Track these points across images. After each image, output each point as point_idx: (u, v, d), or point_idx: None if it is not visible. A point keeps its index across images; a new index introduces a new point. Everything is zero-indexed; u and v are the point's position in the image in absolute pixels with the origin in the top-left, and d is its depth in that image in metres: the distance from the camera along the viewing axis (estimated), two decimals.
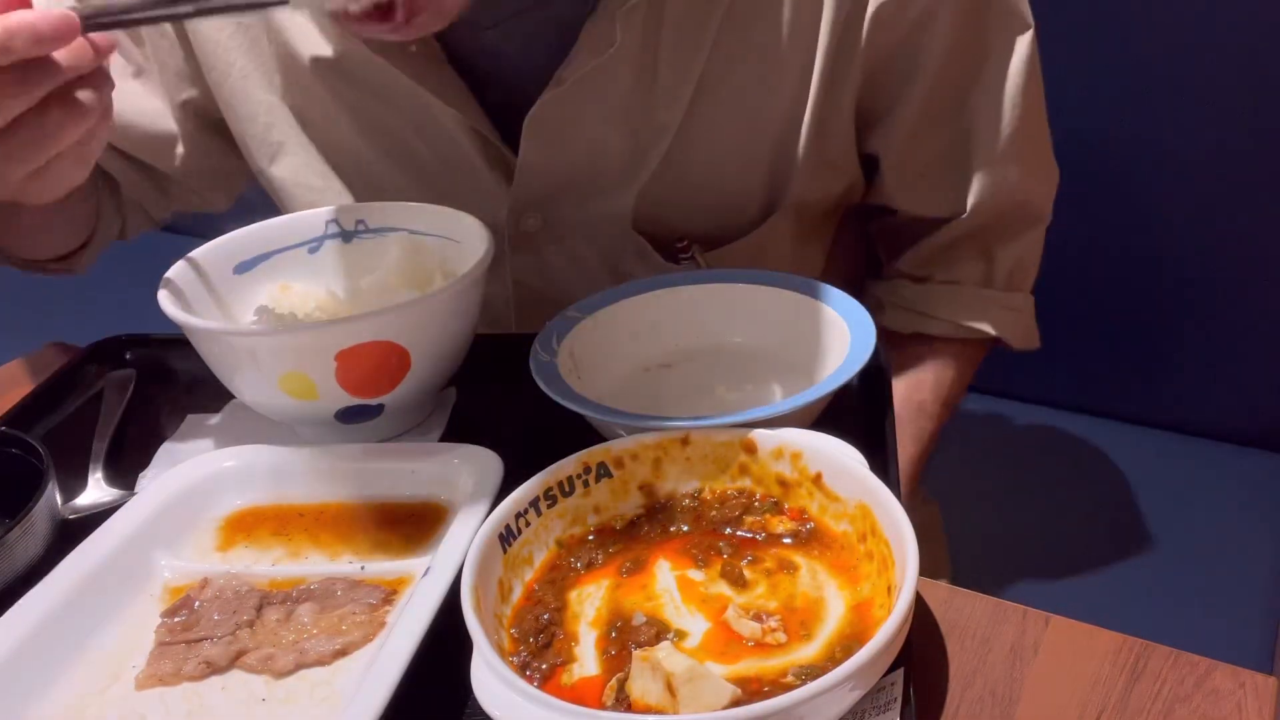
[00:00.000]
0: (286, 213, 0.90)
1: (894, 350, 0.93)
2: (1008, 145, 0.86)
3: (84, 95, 0.58)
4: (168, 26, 0.88)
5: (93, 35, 0.58)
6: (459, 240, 0.76)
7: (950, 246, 0.91)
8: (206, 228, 0.83)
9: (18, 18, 0.55)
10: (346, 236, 0.79)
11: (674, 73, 0.80)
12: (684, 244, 0.86)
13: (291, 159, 0.89)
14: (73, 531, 0.63)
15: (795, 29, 0.79)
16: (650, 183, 0.84)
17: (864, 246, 1.01)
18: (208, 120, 0.92)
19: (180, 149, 0.92)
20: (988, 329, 0.92)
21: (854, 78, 0.82)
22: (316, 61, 0.83)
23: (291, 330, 0.67)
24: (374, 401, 0.68)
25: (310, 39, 0.83)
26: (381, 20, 0.63)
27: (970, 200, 0.87)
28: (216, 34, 0.86)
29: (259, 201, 0.94)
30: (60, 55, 0.57)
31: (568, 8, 0.77)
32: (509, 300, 0.90)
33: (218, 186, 0.98)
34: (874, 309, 0.86)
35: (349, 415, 0.69)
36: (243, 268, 0.76)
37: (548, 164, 0.82)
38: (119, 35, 0.86)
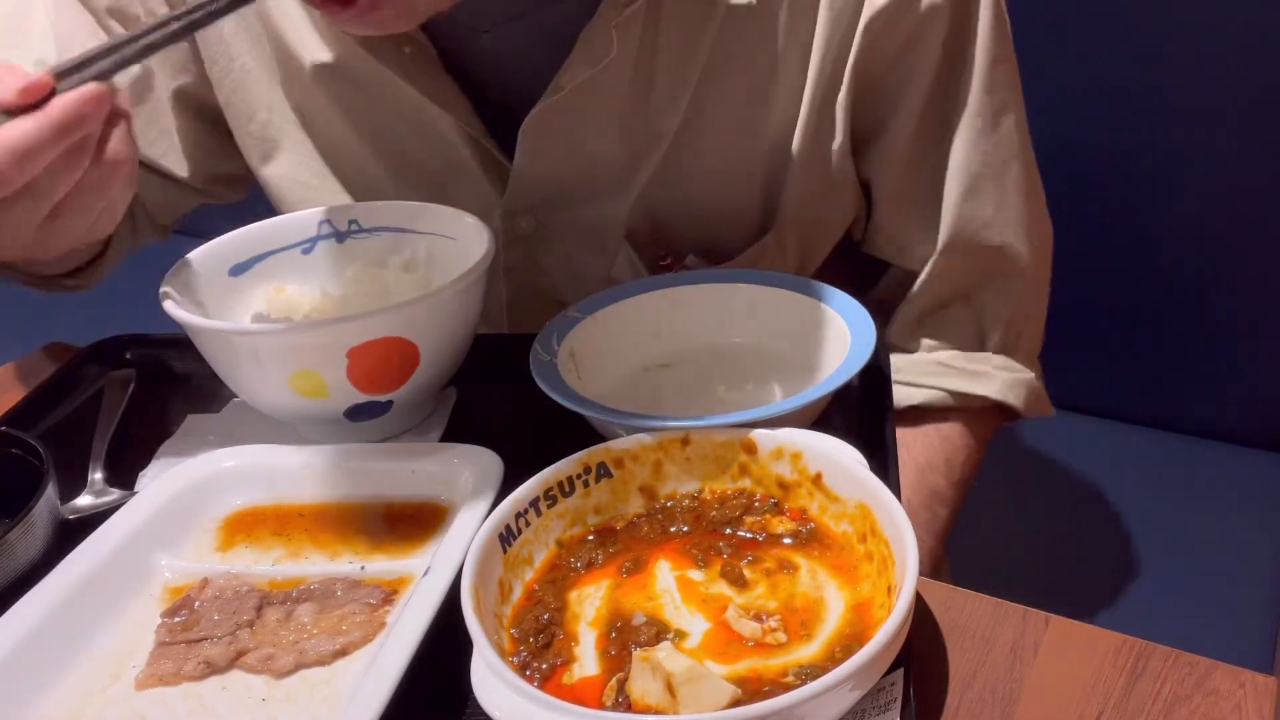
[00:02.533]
0: (281, 212, 0.89)
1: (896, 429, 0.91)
2: (978, 181, 0.84)
3: (117, 140, 0.59)
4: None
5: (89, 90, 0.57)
6: (454, 238, 0.76)
7: (934, 305, 0.89)
8: (206, 227, 0.83)
9: (61, 106, 0.55)
10: (340, 237, 0.79)
11: (671, 81, 0.79)
12: (667, 261, 0.86)
13: (288, 156, 0.89)
14: (73, 531, 0.63)
15: (790, 40, 0.79)
16: (645, 190, 0.84)
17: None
18: (201, 109, 0.91)
19: (176, 139, 0.91)
20: (984, 393, 0.88)
21: (848, 93, 0.81)
22: (315, 66, 0.83)
23: (304, 328, 0.67)
24: (383, 398, 0.69)
25: (309, 43, 0.82)
26: (342, 6, 0.63)
27: (942, 237, 0.85)
28: (221, 29, 0.86)
29: (254, 203, 0.94)
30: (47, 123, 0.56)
31: (564, 14, 0.76)
32: (502, 300, 0.90)
33: (218, 183, 0.97)
34: None
35: (358, 412, 0.69)
36: (237, 270, 0.76)
37: (542, 171, 0.82)
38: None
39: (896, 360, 0.90)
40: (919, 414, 0.90)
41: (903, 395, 0.89)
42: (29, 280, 0.90)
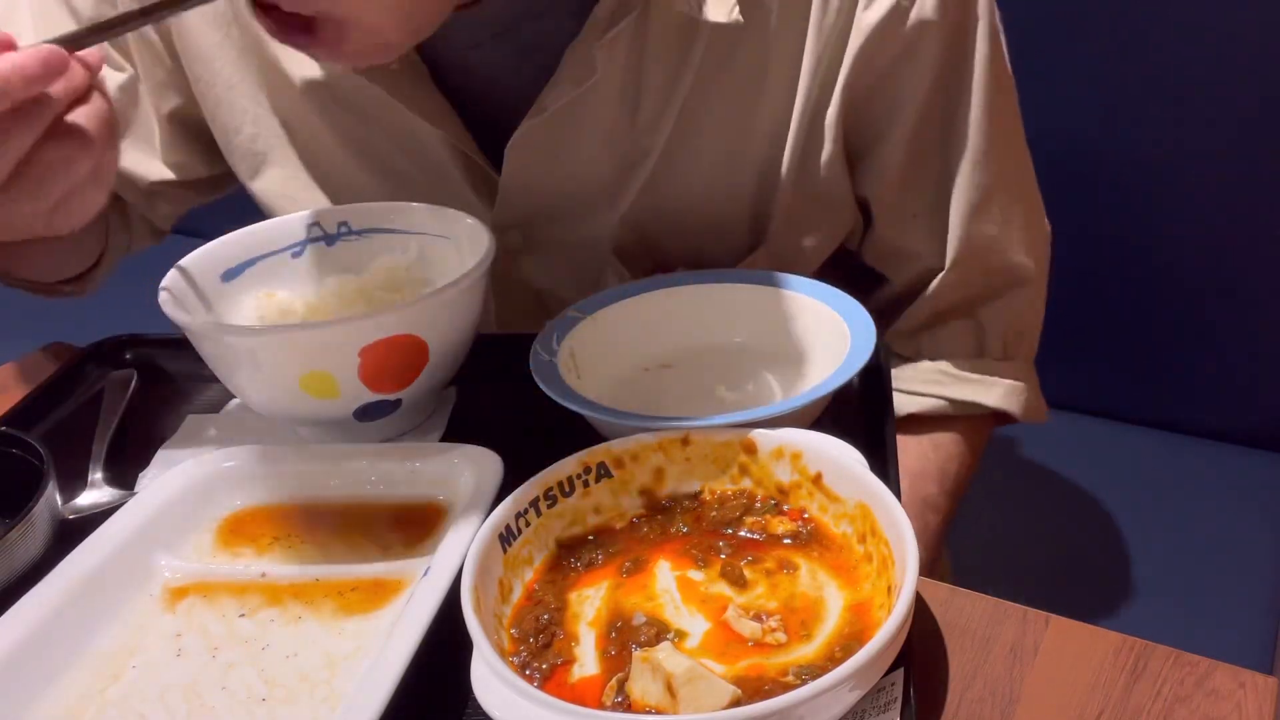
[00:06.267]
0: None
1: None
2: (985, 201, 0.83)
3: (86, 119, 0.57)
4: (155, 38, 0.87)
5: (81, 53, 0.56)
6: (449, 237, 0.77)
7: (936, 316, 0.89)
8: (208, 227, 0.83)
9: (8, 61, 0.52)
10: (330, 240, 0.79)
11: (656, 100, 0.79)
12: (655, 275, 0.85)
13: (276, 170, 0.88)
14: (73, 531, 0.63)
15: (778, 58, 0.78)
16: (632, 207, 0.83)
17: None
18: (192, 129, 0.91)
19: (167, 160, 0.91)
20: (984, 401, 0.89)
21: (838, 111, 0.80)
22: (304, 82, 0.82)
23: (318, 327, 0.66)
24: (392, 397, 0.69)
25: (298, 58, 0.82)
26: (307, 39, 0.61)
27: (951, 253, 0.85)
28: (204, 43, 0.85)
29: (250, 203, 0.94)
30: (54, 87, 0.55)
31: (550, 30, 0.76)
32: (491, 311, 0.90)
33: (207, 193, 0.97)
34: None
35: (366, 413, 0.69)
36: (229, 275, 0.75)
37: (529, 188, 0.82)
38: (107, 50, 0.84)
39: (895, 369, 0.90)
40: (916, 422, 0.90)
41: (901, 403, 0.89)
42: (25, 285, 0.90)
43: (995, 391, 0.89)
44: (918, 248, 0.87)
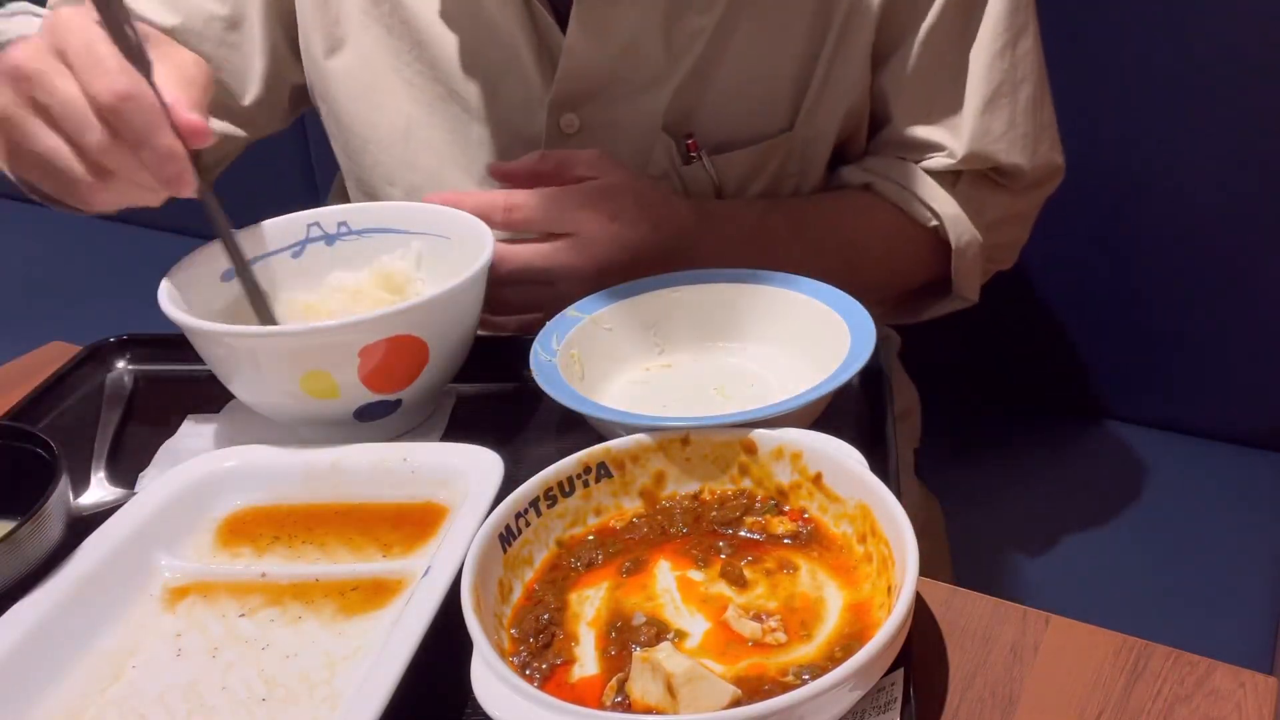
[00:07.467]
0: (333, 117, 0.96)
1: (832, 191, 0.97)
2: (995, 97, 0.89)
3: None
4: None
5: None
6: (448, 236, 0.77)
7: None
8: (208, 227, 0.83)
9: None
10: (329, 240, 0.79)
11: None
12: (691, 140, 0.90)
13: (350, 54, 0.93)
14: (77, 530, 0.62)
15: None
16: (681, 87, 0.88)
17: None
18: (284, 15, 0.96)
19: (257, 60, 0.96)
20: (907, 185, 0.92)
21: (872, 9, 0.87)
22: None
23: (318, 327, 0.67)
24: (392, 397, 0.69)
25: None
26: None
27: (963, 146, 0.90)
28: None
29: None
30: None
31: None
32: None
33: (277, 106, 1.01)
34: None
35: (366, 413, 0.69)
36: (230, 275, 0.75)
37: (589, 54, 0.86)
38: None
39: (873, 161, 0.96)
40: (867, 190, 0.95)
41: (860, 176, 0.95)
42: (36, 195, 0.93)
43: (948, 214, 0.92)
44: (936, 138, 0.92)
